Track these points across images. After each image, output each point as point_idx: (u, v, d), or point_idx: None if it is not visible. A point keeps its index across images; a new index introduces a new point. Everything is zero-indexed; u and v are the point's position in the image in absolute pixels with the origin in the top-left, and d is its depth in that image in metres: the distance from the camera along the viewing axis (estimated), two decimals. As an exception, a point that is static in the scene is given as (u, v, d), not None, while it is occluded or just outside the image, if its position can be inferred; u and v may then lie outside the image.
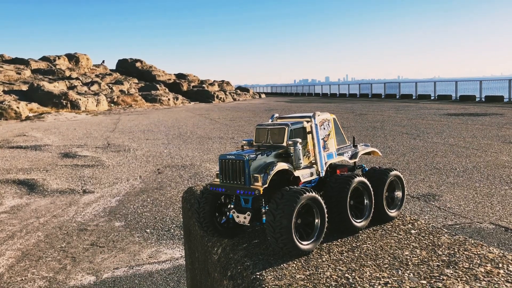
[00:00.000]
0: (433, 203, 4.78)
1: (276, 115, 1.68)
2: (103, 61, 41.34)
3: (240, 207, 1.40)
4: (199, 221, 1.48)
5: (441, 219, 4.26)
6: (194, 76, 43.03)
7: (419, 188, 5.44)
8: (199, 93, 37.03)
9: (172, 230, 4.25)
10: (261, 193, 1.29)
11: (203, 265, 1.76)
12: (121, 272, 3.33)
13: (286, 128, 1.45)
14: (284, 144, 1.43)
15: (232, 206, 1.43)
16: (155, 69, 40.90)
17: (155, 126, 15.25)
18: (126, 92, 31.68)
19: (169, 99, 31.54)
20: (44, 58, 35.80)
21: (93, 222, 4.57)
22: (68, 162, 8.15)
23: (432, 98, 27.65)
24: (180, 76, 42.26)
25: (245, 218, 1.36)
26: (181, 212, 4.73)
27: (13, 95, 24.31)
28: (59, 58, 36.25)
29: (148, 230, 4.27)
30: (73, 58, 37.22)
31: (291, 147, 1.40)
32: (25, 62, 33.22)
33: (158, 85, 34.88)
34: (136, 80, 36.73)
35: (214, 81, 43.70)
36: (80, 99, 25.13)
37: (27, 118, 20.43)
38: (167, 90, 34.85)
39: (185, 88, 38.05)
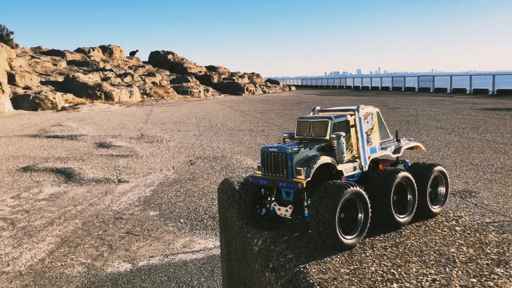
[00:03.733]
0: (470, 200, 4.66)
1: (318, 108, 1.66)
2: (137, 50, 42.06)
3: (281, 200, 1.40)
4: (240, 212, 1.49)
5: (478, 216, 4.15)
6: (224, 68, 43.20)
7: (455, 184, 5.31)
8: (229, 85, 37.17)
9: (205, 221, 4.30)
10: (304, 186, 1.29)
11: (241, 256, 1.77)
12: (156, 261, 3.40)
13: (329, 121, 1.43)
14: (327, 137, 1.42)
15: (273, 198, 1.43)
16: (186, 62, 41.27)
17: (186, 118, 15.42)
18: (158, 84, 32.12)
19: (199, 91, 31.80)
20: (79, 50, 36.67)
21: (128, 211, 4.67)
22: (103, 152, 8.35)
23: (467, 92, 26.82)
24: (211, 68, 42.51)
25: (286, 211, 1.36)
26: (214, 203, 4.79)
27: (49, 86, 25.04)
28: (93, 50, 37.06)
29: (181, 220, 4.33)
30: (107, 50, 37.98)
31: (334, 141, 1.38)
32: (61, 54, 34.13)
33: (189, 77, 35.22)
34: (168, 72, 37.17)
35: (244, 73, 43.77)
36: (113, 91, 25.64)
37: (63, 108, 21.01)
38: (198, 82, 35.15)
39: (215, 80, 38.25)
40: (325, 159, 1.34)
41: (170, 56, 41.27)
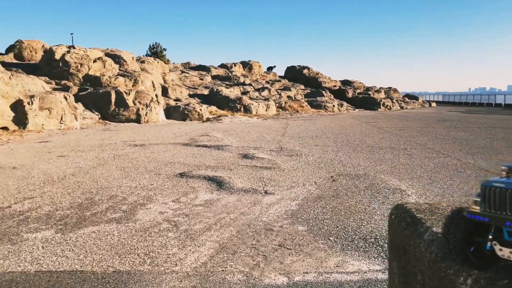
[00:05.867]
0: None
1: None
2: (274, 66, 43.71)
3: (503, 240, 1.28)
4: (448, 248, 1.39)
5: None
6: (359, 82, 42.47)
7: None
8: (364, 100, 36.38)
9: (356, 241, 4.20)
10: None
11: (432, 290, 1.66)
12: (311, 277, 3.41)
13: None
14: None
15: (491, 236, 1.31)
16: (321, 76, 41.55)
17: (322, 133, 15.45)
18: (293, 98, 32.84)
19: (333, 106, 31.69)
20: (222, 65, 39.39)
21: (278, 223, 4.79)
22: (247, 163, 8.76)
23: None
24: (346, 82, 42.14)
25: (511, 252, 1.24)
26: (362, 223, 4.67)
27: (196, 99, 27.26)
28: (235, 66, 39.48)
29: (331, 238, 4.30)
30: (246, 65, 40.14)
31: None
32: (206, 69, 37.02)
33: (323, 92, 35.35)
34: (302, 87, 37.82)
35: (380, 88, 42.48)
36: (252, 104, 26.91)
37: (207, 119, 22.65)
38: (332, 97, 35.08)
39: (350, 94, 37.78)
40: None
41: (305, 71, 41.95)
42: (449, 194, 6.14)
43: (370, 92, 39.58)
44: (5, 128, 15.19)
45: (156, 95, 22.47)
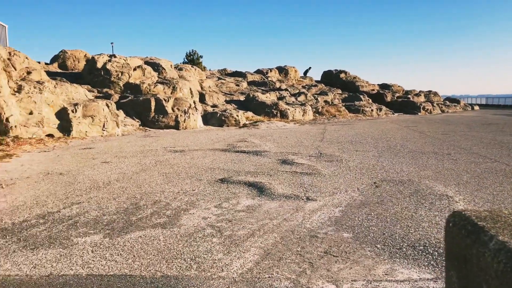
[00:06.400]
0: None
1: None
2: (310, 68, 43.58)
3: None
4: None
5: None
6: (398, 86, 41.63)
7: None
8: (404, 104, 35.63)
9: (404, 249, 4.09)
10: None
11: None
12: (359, 285, 3.34)
13: None
14: None
15: None
16: (358, 80, 41.02)
17: (361, 138, 15.21)
18: (330, 103, 32.56)
19: (372, 110, 31.20)
20: (258, 71, 39.55)
21: (322, 230, 4.74)
22: (287, 168, 8.72)
23: None
24: (384, 86, 41.41)
25: None
26: (410, 230, 4.54)
27: (233, 105, 27.47)
28: (270, 71, 39.56)
29: (378, 246, 4.21)
30: (282, 70, 40.14)
31: None
32: (242, 75, 37.27)
33: (361, 96, 34.87)
34: (339, 91, 37.45)
35: (420, 91, 41.51)
36: (288, 109, 26.85)
37: (244, 125, 22.77)
38: (370, 101, 34.56)
39: (388, 98, 37.09)
40: None
41: (342, 75, 41.55)
42: (499, 200, 5.89)
43: (409, 96, 38.72)
44: (50, 135, 15.79)
45: (194, 102, 22.80)
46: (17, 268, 3.83)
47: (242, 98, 29.85)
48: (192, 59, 43.27)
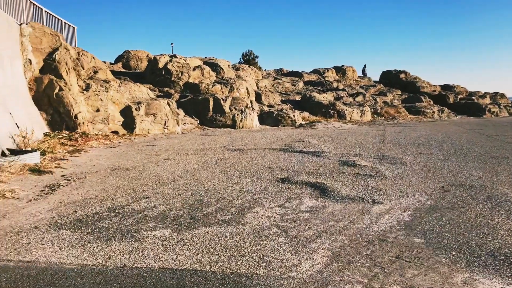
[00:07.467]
0: None
1: None
2: (364, 65, 42.78)
3: None
4: None
5: None
6: (461, 87, 39.77)
7: None
8: (467, 105, 34.03)
9: (483, 258, 3.86)
10: None
11: None
12: (437, 294, 3.18)
13: None
14: None
15: None
16: (419, 80, 39.61)
17: (424, 140, 14.66)
18: (389, 104, 31.68)
19: (433, 112, 30.04)
20: (315, 71, 39.21)
21: (391, 234, 4.58)
22: (349, 170, 8.55)
23: None
24: (446, 87, 39.71)
25: None
26: (488, 238, 4.29)
27: (289, 104, 27.40)
28: (327, 71, 39.09)
29: (453, 253, 4.00)
30: (340, 70, 39.54)
31: None
32: (298, 75, 37.09)
33: (422, 97, 33.68)
34: (399, 92, 36.34)
35: (485, 92, 39.43)
36: (346, 110, 26.41)
37: (300, 125, 22.64)
38: (431, 102, 33.31)
39: (451, 100, 35.55)
40: None
41: (402, 75, 40.32)
42: None
43: (473, 98, 36.89)
44: (115, 132, 16.48)
45: (251, 101, 22.96)
46: (93, 258, 3.99)
47: (298, 98, 29.71)
48: (248, 59, 43.60)
